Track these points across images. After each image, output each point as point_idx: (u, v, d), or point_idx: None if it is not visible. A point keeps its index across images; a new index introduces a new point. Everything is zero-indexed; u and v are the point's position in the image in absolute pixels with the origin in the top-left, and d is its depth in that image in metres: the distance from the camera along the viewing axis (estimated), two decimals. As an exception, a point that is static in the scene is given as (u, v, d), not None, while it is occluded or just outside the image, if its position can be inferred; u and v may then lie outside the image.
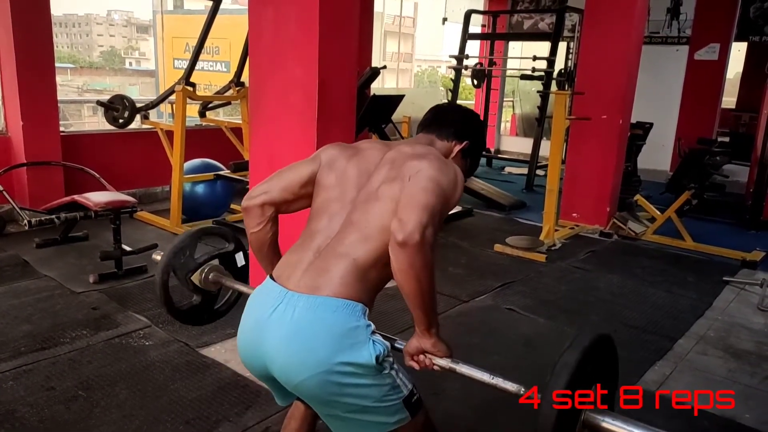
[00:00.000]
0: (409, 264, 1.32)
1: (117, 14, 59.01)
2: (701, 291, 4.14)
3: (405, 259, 1.32)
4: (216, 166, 5.31)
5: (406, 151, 1.56)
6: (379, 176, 1.52)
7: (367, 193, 1.51)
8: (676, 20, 8.35)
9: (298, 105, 2.69)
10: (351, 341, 1.39)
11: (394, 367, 1.46)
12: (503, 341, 3.25)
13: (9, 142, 5.07)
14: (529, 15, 10.08)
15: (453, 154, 1.68)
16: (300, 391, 1.46)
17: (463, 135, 1.69)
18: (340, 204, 1.53)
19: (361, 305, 1.44)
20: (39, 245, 4.33)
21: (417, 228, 1.31)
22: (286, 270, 1.52)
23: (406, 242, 1.31)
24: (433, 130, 1.70)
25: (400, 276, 1.35)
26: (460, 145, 1.68)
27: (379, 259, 1.44)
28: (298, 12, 2.64)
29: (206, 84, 11.01)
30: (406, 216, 1.34)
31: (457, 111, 1.78)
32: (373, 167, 1.56)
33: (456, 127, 1.69)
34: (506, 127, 11.51)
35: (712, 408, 2.61)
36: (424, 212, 1.35)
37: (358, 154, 1.61)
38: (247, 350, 1.53)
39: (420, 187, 1.41)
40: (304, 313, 1.42)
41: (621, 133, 5.49)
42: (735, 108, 10.41)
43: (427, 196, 1.39)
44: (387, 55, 23.07)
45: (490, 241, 4.99)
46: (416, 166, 1.47)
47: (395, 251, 1.33)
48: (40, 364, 2.78)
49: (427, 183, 1.42)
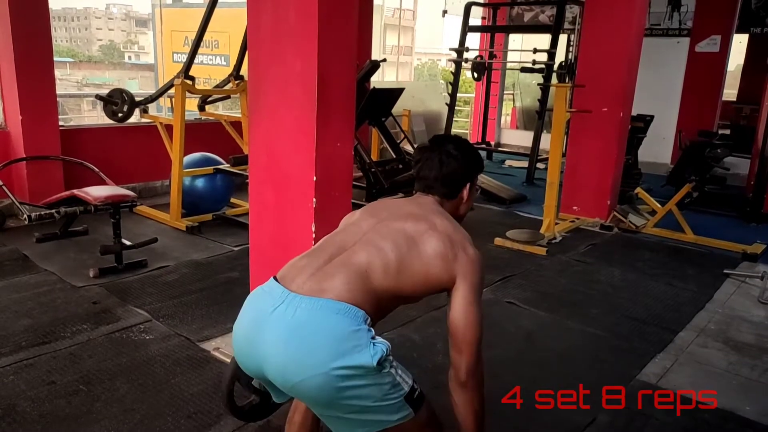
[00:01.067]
0: (470, 401, 1.57)
1: (116, 8, 58.87)
2: (702, 284, 4.14)
3: (467, 398, 1.57)
4: (215, 160, 5.30)
5: (447, 227, 1.61)
6: (410, 219, 1.61)
7: (396, 228, 1.58)
8: (677, 12, 8.31)
9: (297, 98, 2.68)
10: (352, 344, 1.39)
11: (394, 364, 1.46)
12: (504, 335, 3.25)
13: (8, 136, 5.06)
14: (530, 7, 10.03)
15: (465, 200, 1.78)
16: (297, 393, 1.45)
17: (464, 181, 1.76)
18: (357, 227, 1.63)
19: (363, 312, 1.43)
20: (39, 240, 4.33)
21: (475, 369, 1.56)
22: (291, 272, 1.53)
23: (466, 384, 1.56)
24: (436, 192, 1.74)
25: (462, 411, 1.58)
26: (465, 189, 1.77)
27: (397, 295, 1.55)
28: (297, 5, 2.62)
29: (206, 78, 10.99)
30: (464, 359, 1.55)
31: (447, 164, 1.72)
32: (394, 209, 1.68)
33: (455, 183, 1.75)
34: (506, 120, 11.48)
35: (695, 408, 2.60)
36: (477, 346, 1.56)
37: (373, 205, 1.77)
38: (243, 347, 1.52)
39: (471, 315, 1.55)
40: (305, 314, 1.41)
41: (622, 126, 5.48)
42: (736, 100, 10.38)
43: (475, 330, 1.55)
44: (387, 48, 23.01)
45: (490, 234, 4.98)
46: (463, 263, 1.56)
47: (456, 389, 1.57)
48: (41, 358, 2.78)
49: (474, 307, 1.56)
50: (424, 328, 3.21)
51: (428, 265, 1.54)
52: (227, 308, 3.35)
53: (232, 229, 4.89)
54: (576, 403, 2.58)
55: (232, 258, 4.26)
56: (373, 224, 1.61)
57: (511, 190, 6.63)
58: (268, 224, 2.91)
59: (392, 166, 5.49)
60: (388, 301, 1.54)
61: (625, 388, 2.72)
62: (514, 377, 2.76)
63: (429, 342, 3.05)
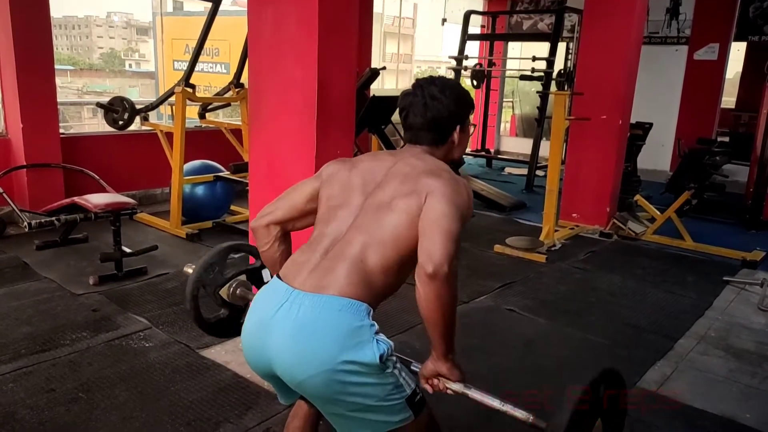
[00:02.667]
0: (436, 295, 1.36)
1: (117, 16, 59.01)
2: (701, 291, 4.14)
3: (433, 291, 1.36)
4: (216, 168, 5.31)
5: (417, 164, 1.55)
6: (390, 187, 1.53)
7: (378, 202, 1.52)
8: (676, 20, 8.35)
9: (297, 106, 2.69)
10: (355, 340, 1.40)
11: (398, 366, 1.48)
12: (503, 342, 3.25)
13: (9, 144, 5.07)
14: (529, 15, 10.08)
15: (456, 142, 1.67)
16: (304, 389, 1.47)
17: (453, 124, 1.64)
18: (347, 210, 1.56)
19: (365, 305, 1.45)
20: (39, 247, 4.33)
21: (445, 260, 1.35)
22: (292, 269, 1.54)
23: (435, 274, 1.34)
24: (424, 138, 1.63)
25: (426, 306, 1.38)
26: (456, 132, 1.65)
27: (389, 267, 1.48)
28: (297, 13, 2.64)
29: (206, 85, 11.01)
30: (433, 246, 1.37)
31: (434, 107, 1.61)
32: (380, 177, 1.57)
33: (446, 127, 1.63)
34: (506, 128, 11.50)
35: (695, 415, 2.60)
36: (449, 241, 1.38)
37: (360, 165, 1.64)
38: (252, 348, 1.54)
39: (441, 213, 1.43)
40: (309, 312, 1.43)
41: (620, 134, 5.49)
42: (734, 108, 10.40)
43: (449, 223, 1.41)
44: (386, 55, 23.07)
45: (490, 241, 4.98)
46: (431, 184, 1.47)
47: (423, 282, 1.36)
48: (41, 366, 2.78)
49: (446, 207, 1.44)
50: (423, 334, 3.19)
51: (407, 213, 1.46)
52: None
53: (232, 237, 4.89)
54: (576, 411, 2.58)
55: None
56: (362, 203, 1.54)
57: (510, 197, 6.63)
58: (268, 231, 2.91)
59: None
60: (388, 280, 1.50)
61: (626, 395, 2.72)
62: (514, 385, 2.76)
63: (429, 349, 3.04)
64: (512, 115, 11.69)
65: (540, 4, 9.90)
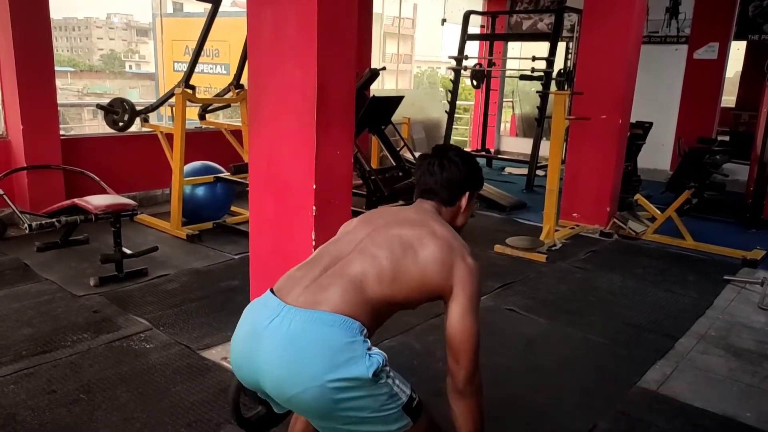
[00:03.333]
0: (468, 410, 1.56)
1: (117, 17, 59.06)
2: (702, 290, 4.14)
3: (465, 407, 1.57)
4: (216, 169, 5.31)
5: (446, 233, 1.61)
6: (412, 231, 1.59)
7: (394, 236, 1.57)
8: (675, 19, 8.35)
9: (297, 107, 2.69)
10: (347, 356, 1.38)
11: (391, 375, 1.45)
12: (504, 342, 3.25)
13: (9, 145, 5.08)
14: (528, 15, 10.09)
15: (462, 209, 1.77)
16: (294, 405, 1.45)
17: (463, 190, 1.75)
18: (354, 235, 1.62)
19: (358, 323, 1.43)
20: (39, 249, 4.34)
21: (472, 378, 1.55)
22: (287, 284, 1.53)
23: (464, 392, 1.55)
24: (435, 199, 1.74)
25: (461, 419, 1.57)
26: (464, 198, 1.76)
27: (393, 303, 1.54)
28: (296, 14, 2.64)
29: (206, 86, 11.03)
30: (460, 368, 1.54)
31: (447, 169, 1.73)
32: (393, 217, 1.68)
33: (454, 189, 1.74)
34: (506, 128, 11.51)
35: (695, 414, 2.61)
36: (474, 356, 1.54)
37: (381, 210, 1.80)
38: (240, 360, 1.52)
39: (467, 325, 1.54)
40: (300, 326, 1.41)
41: (620, 133, 5.49)
42: (735, 107, 10.41)
43: (473, 339, 1.54)
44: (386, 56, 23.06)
45: (490, 241, 4.98)
46: (461, 269, 1.55)
47: (454, 398, 1.57)
48: (41, 367, 2.78)
49: (471, 317, 1.54)
50: (423, 335, 3.21)
51: (425, 270, 1.53)
52: (227, 316, 3.35)
53: (232, 238, 4.90)
54: (577, 410, 2.59)
55: (233, 266, 4.26)
56: (369, 232, 1.59)
57: (510, 197, 6.64)
58: (268, 232, 2.91)
59: (392, 174, 5.50)
60: (384, 309, 1.53)
61: (626, 395, 2.72)
62: (515, 384, 2.76)
63: (429, 350, 3.05)
64: (512, 115, 11.70)
65: (539, 4, 9.90)
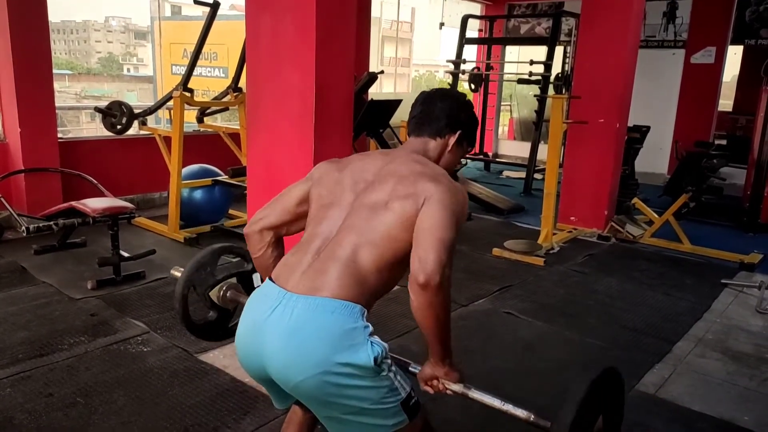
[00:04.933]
0: (428, 303, 1.39)
1: (115, 21, 59.10)
2: (699, 294, 4.15)
3: (425, 300, 1.38)
4: (214, 172, 5.31)
5: (416, 167, 1.56)
6: (385, 187, 1.52)
7: (372, 201, 1.52)
8: (672, 24, 8.39)
9: (295, 110, 2.70)
10: (349, 342, 1.40)
11: (392, 369, 1.47)
12: (502, 345, 3.25)
13: (7, 148, 5.07)
14: (526, 19, 10.11)
15: (449, 147, 1.69)
16: (298, 392, 1.46)
17: (454, 125, 1.68)
18: (337, 209, 1.55)
19: (359, 307, 1.45)
20: (37, 252, 4.32)
21: (437, 269, 1.36)
22: (284, 271, 1.54)
23: (427, 283, 1.36)
24: (425, 130, 1.69)
25: (420, 314, 1.41)
26: (453, 136, 1.68)
27: (383, 266, 1.48)
28: (295, 17, 2.65)
29: (204, 90, 11.03)
30: (426, 256, 1.37)
31: (442, 100, 1.71)
32: (372, 176, 1.57)
33: (445, 120, 1.68)
34: (504, 131, 11.52)
35: (693, 418, 2.61)
36: (442, 249, 1.38)
37: (351, 164, 1.64)
38: (246, 351, 1.54)
39: (437, 221, 1.43)
40: (303, 314, 1.42)
41: (618, 137, 5.50)
42: (732, 111, 10.43)
43: (444, 232, 1.41)
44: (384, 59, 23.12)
45: (488, 245, 4.99)
46: (430, 189, 1.47)
47: (415, 291, 1.38)
48: (38, 370, 2.77)
49: (443, 214, 1.44)
50: (422, 338, 3.20)
51: (403, 213, 1.47)
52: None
53: (230, 241, 4.87)
54: (574, 414, 2.58)
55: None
56: (352, 202, 1.55)
57: (508, 200, 6.64)
58: (266, 235, 2.91)
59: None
60: (382, 277, 1.50)
61: (624, 398, 2.72)
62: (513, 387, 2.76)
63: (428, 353, 3.04)
64: (510, 119, 11.70)
65: (537, 9, 9.93)
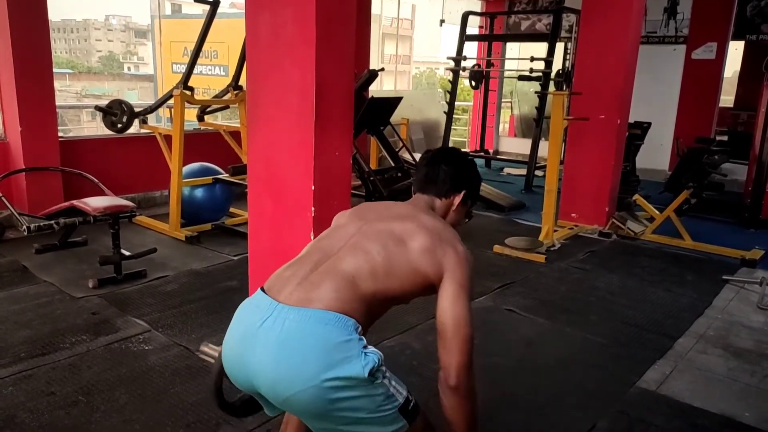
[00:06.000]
0: (460, 405, 1.50)
1: (115, 19, 59.09)
2: (701, 290, 4.14)
3: (457, 401, 1.50)
4: (215, 170, 5.31)
5: (436, 224, 1.62)
6: (402, 225, 1.58)
7: (384, 231, 1.56)
8: (673, 20, 8.37)
9: (295, 108, 2.70)
10: (342, 355, 1.36)
11: (387, 375, 1.44)
12: (504, 342, 3.25)
13: (7, 147, 5.08)
14: (527, 16, 10.10)
15: (454, 207, 1.76)
16: (289, 406, 1.44)
17: (458, 186, 1.76)
18: (344, 231, 1.61)
19: (353, 320, 1.42)
20: (38, 251, 4.32)
21: (467, 372, 1.48)
22: (278, 282, 1.51)
23: (458, 386, 1.48)
24: (430, 190, 1.76)
25: (452, 413, 1.51)
26: (458, 196, 1.75)
27: (380, 296, 1.51)
28: (294, 15, 2.64)
29: (204, 88, 11.03)
30: (455, 358, 1.48)
31: (447, 163, 1.78)
32: (385, 211, 1.67)
33: (450, 182, 1.75)
34: (505, 128, 11.51)
35: (694, 414, 2.61)
36: (466, 350, 1.49)
37: (372, 205, 1.78)
38: (233, 363, 1.50)
39: (460, 311, 1.50)
40: (294, 326, 1.39)
41: (619, 133, 5.50)
42: (733, 107, 10.41)
43: (467, 327, 1.50)
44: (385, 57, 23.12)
45: (489, 242, 4.98)
46: (450, 258, 1.54)
47: (447, 394, 1.50)
48: (40, 369, 2.78)
49: (465, 303, 1.52)
50: (423, 335, 3.21)
51: (416, 262, 1.52)
52: (227, 317, 3.30)
53: (231, 239, 4.89)
54: (576, 410, 2.59)
55: (231, 267, 4.26)
56: (360, 226, 1.59)
57: (509, 197, 6.64)
58: (266, 233, 2.91)
59: (391, 175, 5.51)
60: (378, 304, 1.52)
61: (625, 395, 2.72)
62: (514, 384, 2.76)
63: (429, 350, 3.04)
64: (511, 116, 11.70)
65: (538, 5, 9.91)
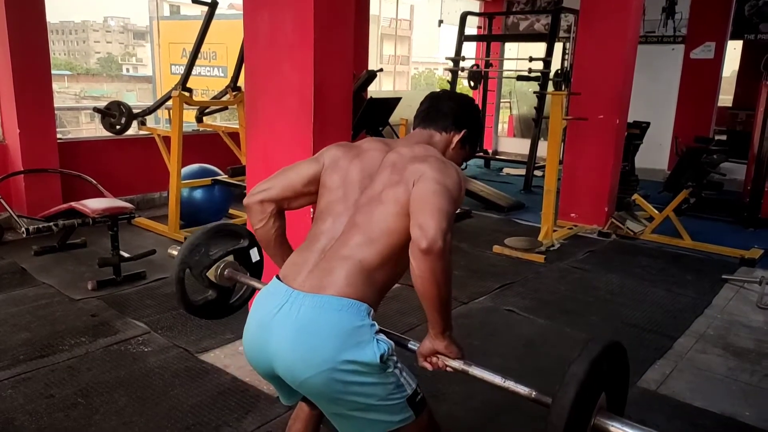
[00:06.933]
0: (431, 270, 1.33)
1: (113, 21, 59.07)
2: (700, 289, 4.14)
3: (427, 266, 1.33)
4: (213, 171, 5.31)
5: (406, 153, 1.57)
6: (381, 179, 1.53)
7: (370, 195, 1.53)
8: (672, 19, 8.38)
9: (294, 109, 2.70)
10: (355, 340, 1.41)
11: (398, 365, 1.48)
12: (503, 343, 3.25)
13: (6, 149, 5.07)
14: (525, 16, 10.10)
15: (452, 144, 1.69)
16: (305, 389, 1.47)
17: (460, 124, 1.69)
18: (344, 205, 1.55)
19: (366, 305, 1.45)
20: (37, 253, 4.32)
21: (439, 234, 1.32)
22: (291, 270, 1.54)
23: (430, 249, 1.31)
24: (430, 123, 1.70)
25: (421, 282, 1.36)
26: (458, 134, 1.69)
27: (385, 261, 1.48)
28: (293, 16, 2.64)
29: (203, 89, 11.03)
30: (426, 222, 1.34)
31: (451, 99, 1.75)
32: (376, 168, 1.58)
33: (452, 117, 1.69)
34: (503, 128, 11.52)
35: (695, 414, 2.61)
36: (441, 217, 1.35)
37: (361, 154, 1.63)
38: (253, 349, 1.54)
39: (430, 191, 1.42)
40: (309, 312, 1.43)
41: (618, 133, 5.50)
42: (732, 106, 10.42)
43: (439, 200, 1.39)
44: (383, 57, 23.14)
45: (488, 242, 4.99)
46: (419, 169, 1.48)
47: (418, 258, 1.34)
48: (39, 371, 2.77)
49: (435, 186, 1.43)
50: (423, 335, 3.20)
51: (398, 203, 1.46)
52: (226, 319, 3.32)
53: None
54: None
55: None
56: (358, 197, 1.54)
57: (508, 197, 6.64)
58: (266, 235, 2.90)
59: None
60: (389, 272, 1.50)
61: (625, 395, 2.72)
62: (514, 385, 2.76)
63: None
64: (510, 116, 11.70)
65: (536, 5, 9.92)
